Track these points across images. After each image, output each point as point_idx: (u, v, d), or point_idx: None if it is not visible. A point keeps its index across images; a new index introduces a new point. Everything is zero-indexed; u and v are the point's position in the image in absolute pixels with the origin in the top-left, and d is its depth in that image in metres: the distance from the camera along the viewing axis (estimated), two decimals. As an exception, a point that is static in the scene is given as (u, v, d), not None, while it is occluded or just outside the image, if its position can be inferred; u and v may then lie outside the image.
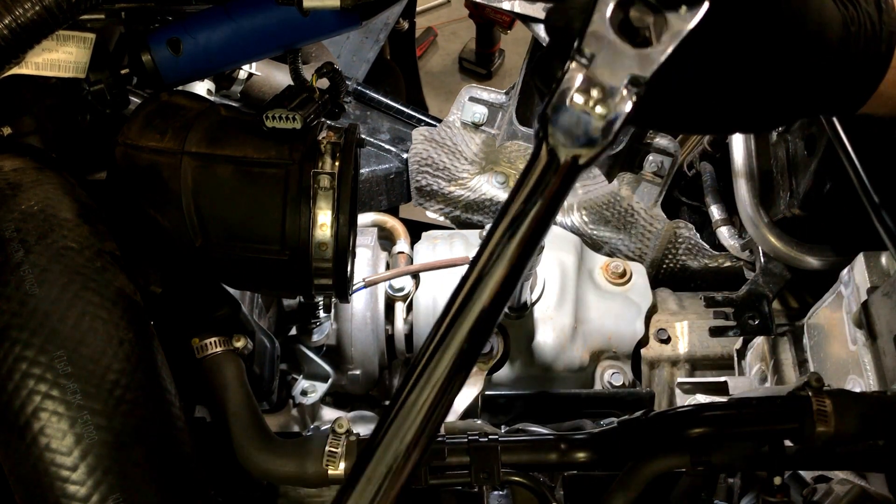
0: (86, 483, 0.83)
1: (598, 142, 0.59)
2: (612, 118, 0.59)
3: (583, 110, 0.60)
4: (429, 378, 0.65)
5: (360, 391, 1.77)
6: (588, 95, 0.60)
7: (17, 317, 0.87)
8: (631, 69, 0.60)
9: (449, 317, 0.65)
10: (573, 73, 0.60)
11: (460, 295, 0.65)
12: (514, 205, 0.63)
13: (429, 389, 0.65)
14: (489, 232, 0.65)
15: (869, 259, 1.21)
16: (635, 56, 0.60)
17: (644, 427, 1.06)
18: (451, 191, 1.95)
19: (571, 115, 0.60)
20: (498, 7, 1.40)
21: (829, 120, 1.21)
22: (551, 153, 0.60)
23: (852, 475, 1.14)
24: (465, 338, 0.65)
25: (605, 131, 0.59)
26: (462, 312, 0.64)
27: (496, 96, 1.79)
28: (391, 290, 1.71)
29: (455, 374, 0.65)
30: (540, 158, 0.61)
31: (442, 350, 0.65)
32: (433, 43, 4.40)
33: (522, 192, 0.63)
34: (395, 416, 0.67)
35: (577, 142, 0.60)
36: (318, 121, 1.12)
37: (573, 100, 0.60)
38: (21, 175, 0.98)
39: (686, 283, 1.87)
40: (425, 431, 0.66)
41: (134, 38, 1.14)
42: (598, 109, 0.59)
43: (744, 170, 1.57)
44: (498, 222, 0.64)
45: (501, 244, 0.63)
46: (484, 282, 0.64)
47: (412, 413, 0.66)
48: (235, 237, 1.08)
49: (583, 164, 0.60)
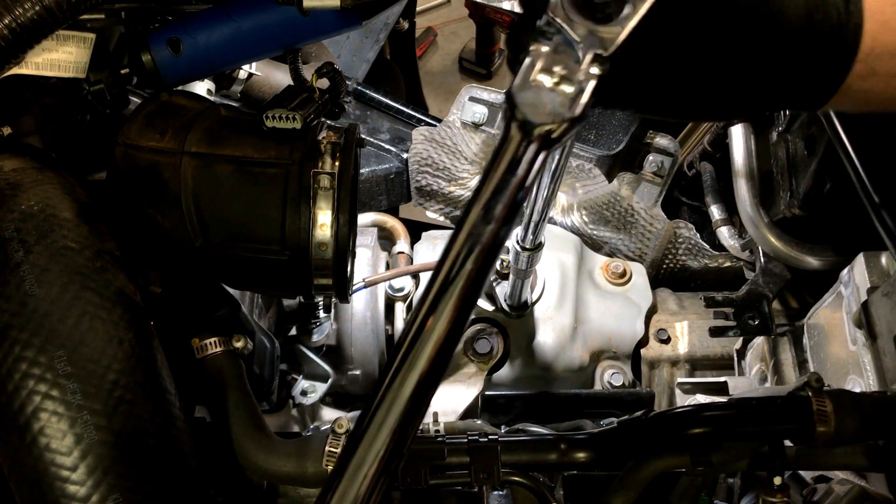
0: (86, 483, 0.83)
1: (565, 117, 0.59)
2: (576, 95, 0.59)
3: (547, 88, 0.60)
4: (424, 344, 0.65)
5: (360, 391, 1.77)
6: (551, 74, 0.60)
7: (17, 317, 0.88)
8: (592, 47, 0.60)
9: (427, 304, 0.64)
10: (537, 53, 0.61)
11: (437, 282, 0.64)
12: (489, 184, 0.62)
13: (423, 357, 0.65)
14: (463, 214, 0.64)
15: (869, 259, 1.21)
16: (597, 33, 0.61)
17: (644, 427, 1.06)
18: (451, 191, 1.95)
19: (536, 93, 0.60)
20: (498, 7, 1.40)
21: (829, 120, 1.22)
22: (523, 128, 0.60)
23: (852, 475, 1.14)
24: (447, 325, 0.64)
25: (571, 107, 0.59)
26: (440, 301, 0.64)
27: (496, 96, 1.79)
28: (391, 290, 1.71)
29: (447, 345, 0.64)
30: (511, 137, 0.61)
31: (432, 326, 0.64)
32: (433, 43, 4.40)
33: (497, 172, 0.62)
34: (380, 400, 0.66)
35: (545, 118, 0.60)
36: (318, 121, 1.12)
37: (537, 79, 0.60)
38: (21, 175, 0.98)
39: (686, 283, 1.87)
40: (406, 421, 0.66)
41: (134, 38, 1.14)
42: (561, 87, 0.60)
43: (744, 170, 1.57)
44: (472, 205, 0.63)
45: (477, 228, 0.62)
46: (461, 265, 0.63)
47: (400, 394, 0.65)
48: (235, 237, 1.08)
49: (555, 138, 0.60)
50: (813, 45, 0.70)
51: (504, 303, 1.62)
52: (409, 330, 0.65)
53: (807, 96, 0.74)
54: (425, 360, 0.64)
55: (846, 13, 0.69)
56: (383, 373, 0.66)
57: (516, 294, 1.58)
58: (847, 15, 0.69)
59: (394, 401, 0.65)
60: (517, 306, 1.62)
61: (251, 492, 1.27)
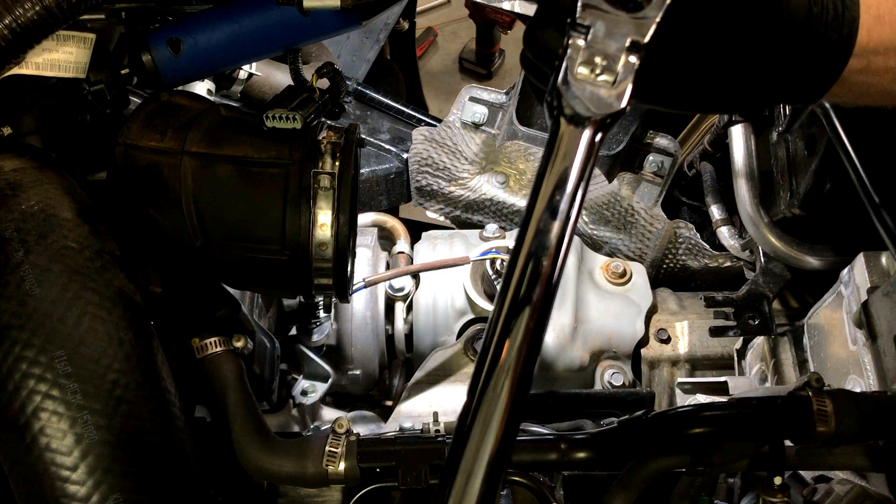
0: (86, 483, 0.83)
1: (613, 107, 0.61)
2: (620, 84, 0.61)
3: (590, 80, 0.61)
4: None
5: (360, 391, 1.77)
6: (593, 65, 0.61)
7: (17, 317, 0.87)
8: (628, 35, 0.62)
9: (508, 300, 0.63)
10: (574, 47, 0.62)
11: (510, 287, 0.63)
12: (550, 180, 0.63)
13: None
14: (524, 217, 0.63)
15: (869, 259, 1.21)
16: (631, 21, 0.62)
17: (644, 427, 1.06)
18: (451, 191, 1.95)
19: (581, 86, 0.61)
20: (498, 7, 1.40)
21: (829, 119, 1.22)
22: (574, 121, 0.61)
23: (852, 475, 1.14)
24: (531, 314, 0.63)
25: (617, 97, 0.61)
26: (520, 298, 0.62)
27: (496, 96, 1.79)
28: (391, 290, 1.71)
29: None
30: (563, 131, 0.62)
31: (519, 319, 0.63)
32: (433, 43, 4.40)
33: (555, 166, 0.62)
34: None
35: (593, 109, 0.61)
36: (318, 121, 1.12)
37: (579, 72, 0.61)
38: (21, 175, 0.98)
39: (686, 283, 1.87)
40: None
41: (134, 38, 1.14)
42: (603, 77, 0.61)
43: (744, 170, 1.57)
44: (532, 206, 0.63)
45: (543, 221, 0.62)
46: (536, 267, 0.62)
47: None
48: (235, 237, 1.08)
49: (609, 124, 0.62)
50: (812, 35, 0.71)
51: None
52: (493, 331, 0.63)
53: (805, 88, 0.76)
54: (515, 357, 0.63)
55: (843, 6, 0.71)
56: (473, 383, 0.64)
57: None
58: (844, 8, 0.71)
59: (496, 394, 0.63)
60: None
61: (251, 492, 1.27)
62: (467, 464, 0.62)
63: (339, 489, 1.33)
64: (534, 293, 0.62)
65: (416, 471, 1.06)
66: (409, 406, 1.55)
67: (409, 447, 1.08)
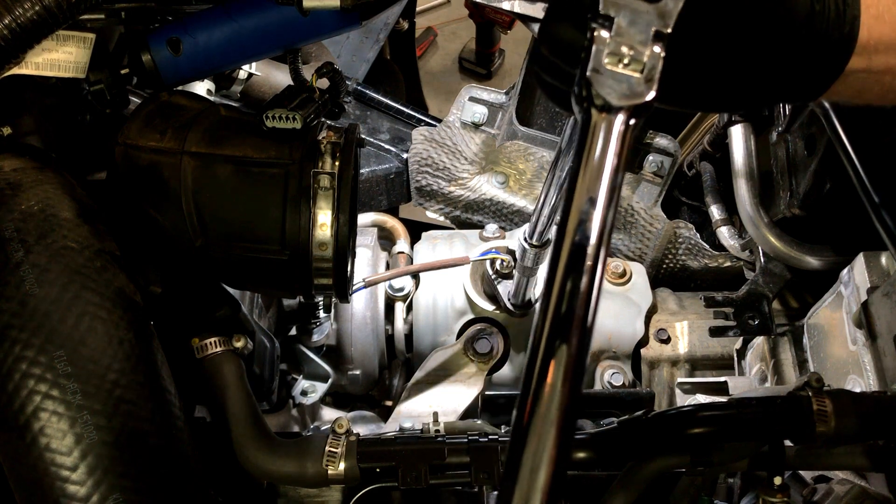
0: (86, 483, 0.83)
1: (644, 93, 0.61)
2: (649, 72, 0.61)
3: (618, 71, 0.62)
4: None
5: (360, 391, 1.77)
6: (620, 55, 0.62)
7: (17, 317, 0.87)
8: (652, 24, 0.62)
9: (553, 297, 0.60)
10: (599, 38, 0.62)
11: (556, 279, 0.61)
12: (587, 170, 0.62)
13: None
14: (562, 213, 0.62)
15: (869, 259, 1.21)
16: (653, 11, 0.62)
17: (644, 427, 1.06)
18: (451, 191, 1.95)
19: (611, 77, 0.62)
20: (498, 7, 1.40)
21: (828, 119, 1.22)
22: (606, 109, 0.61)
23: (852, 475, 1.14)
24: (582, 301, 0.59)
25: (647, 84, 0.61)
26: (566, 292, 0.60)
27: (496, 96, 1.79)
28: (391, 290, 1.71)
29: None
30: (595, 121, 0.62)
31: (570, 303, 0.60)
32: (433, 43, 4.41)
33: (592, 156, 0.62)
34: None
35: (626, 97, 0.61)
36: (318, 121, 1.12)
37: (606, 64, 0.62)
38: (21, 175, 0.98)
39: (686, 283, 1.87)
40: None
41: (134, 38, 1.14)
42: (631, 67, 0.62)
43: (744, 170, 1.57)
44: (571, 197, 0.62)
45: (585, 208, 0.61)
46: (578, 258, 0.60)
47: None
48: (235, 237, 1.08)
49: (640, 112, 0.62)
50: (815, 33, 0.72)
51: (508, 302, 1.62)
52: (544, 317, 0.60)
53: (807, 85, 0.76)
54: (570, 347, 0.59)
55: (844, 5, 0.72)
56: (526, 377, 0.60)
57: (520, 292, 1.58)
58: (845, 6, 0.72)
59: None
60: (521, 305, 1.62)
61: (251, 492, 1.27)
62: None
63: (339, 489, 1.33)
64: (581, 282, 0.60)
65: (415, 471, 1.06)
66: (408, 406, 1.55)
67: (409, 447, 1.08)
